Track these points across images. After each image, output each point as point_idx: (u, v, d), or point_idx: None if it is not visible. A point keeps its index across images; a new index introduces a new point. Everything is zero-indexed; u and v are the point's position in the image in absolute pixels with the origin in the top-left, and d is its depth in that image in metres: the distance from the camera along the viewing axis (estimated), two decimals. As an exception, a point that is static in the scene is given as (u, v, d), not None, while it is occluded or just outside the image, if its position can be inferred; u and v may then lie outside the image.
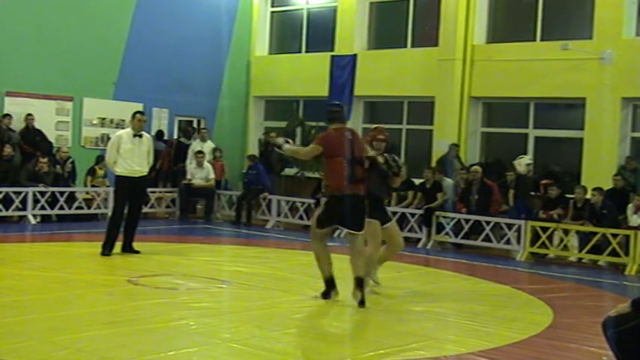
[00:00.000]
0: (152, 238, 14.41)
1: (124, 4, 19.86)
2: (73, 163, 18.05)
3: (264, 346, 7.30)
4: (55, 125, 18.78)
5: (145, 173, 12.63)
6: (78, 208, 17.59)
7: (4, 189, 16.48)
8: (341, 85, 20.22)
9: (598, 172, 16.39)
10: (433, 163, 18.09)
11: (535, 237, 15.07)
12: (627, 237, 14.14)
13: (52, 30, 18.46)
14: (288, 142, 10.13)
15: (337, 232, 17.25)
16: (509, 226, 15.49)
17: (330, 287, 9.54)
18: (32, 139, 17.78)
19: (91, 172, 18.34)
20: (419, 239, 16.44)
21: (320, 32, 21.69)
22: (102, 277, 10.69)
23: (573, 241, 15.12)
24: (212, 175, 19.28)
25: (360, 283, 9.27)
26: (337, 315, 9.39)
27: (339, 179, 9.27)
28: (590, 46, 16.90)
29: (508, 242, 15.51)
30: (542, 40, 18.05)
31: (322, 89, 20.26)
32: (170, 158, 19.87)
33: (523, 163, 16.79)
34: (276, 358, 6.99)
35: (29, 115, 17.80)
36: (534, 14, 18.21)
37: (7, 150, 16.70)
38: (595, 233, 14.56)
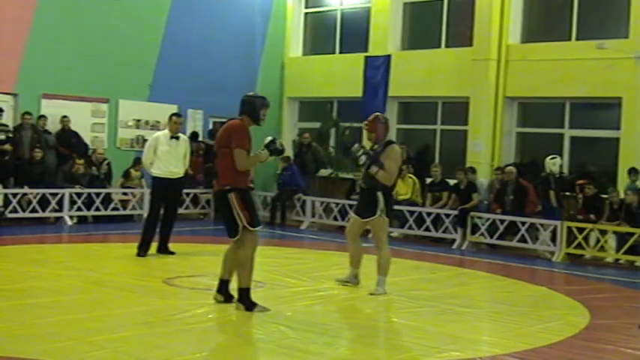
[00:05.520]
0: (187, 239, 14.48)
1: (158, 7, 19.98)
2: (108, 164, 18.21)
3: (298, 347, 7.31)
4: (91, 127, 18.93)
5: (181, 175, 12.69)
6: (114, 209, 17.73)
7: (41, 190, 16.67)
8: (375, 85, 20.19)
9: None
10: (467, 164, 18.03)
11: (571, 238, 14.97)
12: (665, 238, 14.01)
13: (88, 32, 18.60)
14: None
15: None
16: (545, 227, 15.41)
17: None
18: (68, 140, 17.94)
19: (126, 174, 18.49)
20: (453, 240, 16.39)
21: (354, 33, 21.68)
22: (137, 278, 10.76)
23: (611, 241, 14.98)
24: (246, 176, 19.30)
25: (240, 294, 8.65)
26: (372, 316, 9.40)
27: None
28: (626, 45, 16.74)
29: (544, 243, 15.42)
30: (577, 39, 17.90)
31: (356, 90, 20.25)
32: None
33: (557, 163, 16.63)
34: (310, 359, 7.00)
35: (65, 117, 17.95)
36: (569, 13, 18.06)
37: (38, 154, 16.89)
38: (632, 234, 14.43)
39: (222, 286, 9.01)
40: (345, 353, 7.30)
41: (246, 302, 8.62)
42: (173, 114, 12.98)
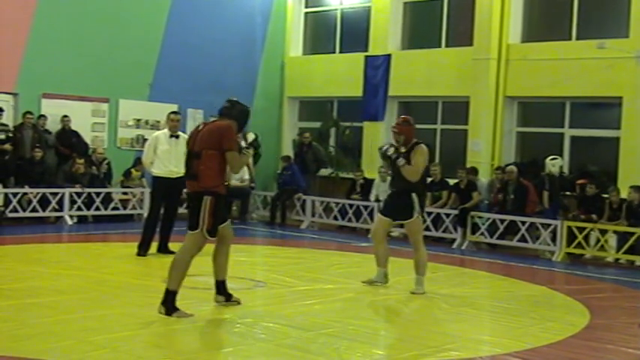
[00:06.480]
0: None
1: (158, 7, 19.97)
2: (109, 164, 18.23)
3: (299, 347, 7.32)
4: (91, 126, 18.92)
5: (182, 174, 12.63)
6: (114, 208, 17.75)
7: (42, 190, 16.69)
8: (375, 85, 20.20)
9: (635, 171, 16.23)
10: (467, 163, 18.03)
11: (571, 237, 14.96)
12: (666, 237, 14.00)
13: (88, 32, 18.60)
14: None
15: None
16: (545, 227, 15.40)
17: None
18: (68, 140, 17.95)
19: (127, 174, 18.53)
20: (454, 240, 16.39)
21: (354, 32, 21.66)
22: (138, 278, 10.77)
23: (611, 241, 14.97)
24: (247, 176, 19.31)
25: (165, 295, 8.30)
26: (372, 316, 9.39)
27: None
28: (627, 44, 16.73)
29: (544, 242, 15.42)
30: (577, 38, 17.89)
31: (356, 90, 20.24)
32: None
33: (557, 164, 16.63)
34: (311, 358, 7.00)
35: (65, 116, 17.95)
36: (570, 13, 18.05)
37: (38, 153, 16.93)
38: (632, 233, 14.43)
39: (220, 287, 9.00)
40: (345, 353, 7.30)
41: (168, 305, 8.21)
42: (171, 112, 12.94)
